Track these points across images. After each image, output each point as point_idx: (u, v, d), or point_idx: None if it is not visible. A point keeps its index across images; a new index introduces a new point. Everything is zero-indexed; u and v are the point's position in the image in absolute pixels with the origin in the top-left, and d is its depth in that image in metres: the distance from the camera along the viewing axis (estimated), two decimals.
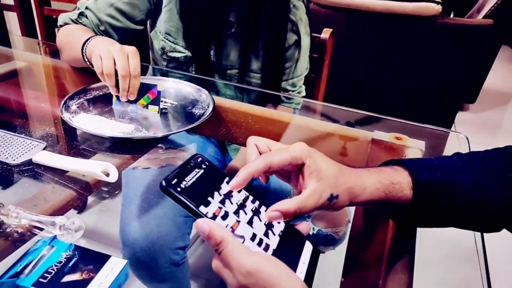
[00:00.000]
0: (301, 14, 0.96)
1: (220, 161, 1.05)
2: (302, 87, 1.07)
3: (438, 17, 1.40)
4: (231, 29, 0.94)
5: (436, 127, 0.79)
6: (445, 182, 0.46)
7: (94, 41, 0.81)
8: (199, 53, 0.96)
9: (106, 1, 0.92)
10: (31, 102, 0.85)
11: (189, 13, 0.92)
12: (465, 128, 2.59)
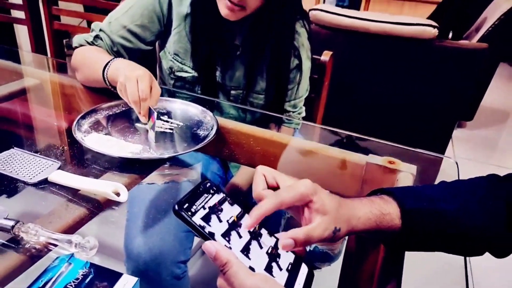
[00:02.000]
0: (303, 40, 1.01)
1: (222, 177, 1.09)
2: (303, 108, 1.12)
3: (435, 40, 1.45)
4: (237, 52, 0.99)
5: (428, 152, 0.83)
6: (431, 211, 0.51)
7: (114, 66, 0.85)
8: (205, 74, 1.01)
9: (120, 24, 0.97)
10: (45, 120, 0.89)
11: (197, 36, 0.97)
12: (462, 145, 2.63)
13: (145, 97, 0.76)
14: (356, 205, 0.49)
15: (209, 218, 0.43)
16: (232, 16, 0.87)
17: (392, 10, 4.16)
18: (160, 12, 0.97)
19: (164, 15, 0.98)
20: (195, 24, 0.96)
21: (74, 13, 1.70)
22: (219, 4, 0.88)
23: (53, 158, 0.68)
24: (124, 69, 0.81)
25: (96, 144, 0.71)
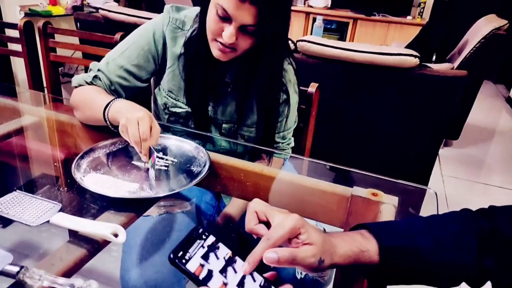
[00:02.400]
0: (290, 76, 1.06)
1: (214, 207, 1.13)
2: (291, 139, 1.17)
3: (416, 68, 1.53)
4: (228, 88, 1.04)
5: (409, 183, 0.88)
6: (407, 248, 0.55)
7: (115, 107, 0.89)
8: (198, 110, 1.06)
9: (117, 64, 1.02)
10: (45, 159, 0.93)
11: (190, 74, 1.02)
12: (449, 163, 2.70)
13: (146, 138, 0.80)
14: (338, 242, 0.53)
15: (202, 264, 0.47)
16: (223, 57, 0.93)
17: (378, 31, 4.29)
18: (155, 53, 1.03)
19: (159, 55, 1.04)
20: (188, 63, 1.02)
21: (70, 45, 1.75)
22: (212, 46, 0.93)
23: (54, 199, 0.72)
24: (125, 110, 0.85)
25: (95, 185, 0.75)
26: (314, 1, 4.61)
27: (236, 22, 0.85)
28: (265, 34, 0.89)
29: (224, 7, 0.84)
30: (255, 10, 0.83)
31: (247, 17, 0.84)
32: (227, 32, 0.87)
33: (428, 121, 1.59)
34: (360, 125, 1.67)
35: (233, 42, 0.88)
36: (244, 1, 0.82)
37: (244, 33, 0.88)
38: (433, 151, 1.67)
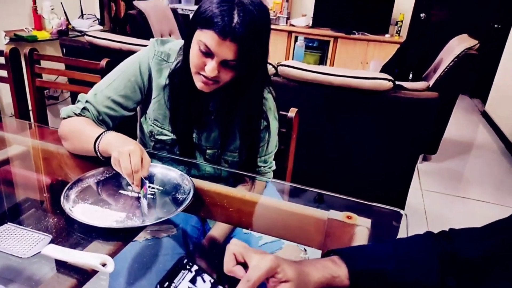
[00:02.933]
0: (270, 103, 1.12)
1: (200, 230, 1.16)
2: (273, 162, 1.22)
3: (390, 91, 1.61)
4: (211, 116, 1.10)
5: (382, 205, 0.94)
6: (374, 271, 0.60)
7: (106, 140, 0.94)
8: (183, 137, 1.10)
9: (104, 95, 1.06)
10: (35, 190, 0.96)
11: (175, 104, 1.07)
12: (428, 178, 2.79)
13: (138, 170, 0.85)
14: (310, 270, 0.58)
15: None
16: (206, 89, 0.98)
17: (358, 49, 4.43)
18: (142, 84, 1.08)
19: (145, 86, 1.09)
20: (173, 94, 1.07)
21: (56, 71, 1.79)
22: (195, 78, 0.99)
23: (44, 230, 0.75)
24: (115, 143, 0.90)
25: (83, 215, 0.79)
26: (296, 21, 4.74)
27: (218, 57, 0.91)
28: (246, 67, 0.95)
29: (206, 44, 0.90)
30: (235, 46, 0.89)
31: (228, 53, 0.90)
32: (209, 66, 0.92)
33: (404, 140, 1.66)
34: (339, 145, 1.74)
35: (215, 75, 0.93)
36: (225, 39, 0.88)
37: (226, 67, 0.94)
38: (410, 168, 1.74)
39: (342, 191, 1.90)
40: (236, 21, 0.87)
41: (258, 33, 0.91)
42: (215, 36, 0.88)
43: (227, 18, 0.87)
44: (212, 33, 0.88)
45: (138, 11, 3.24)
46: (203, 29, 0.90)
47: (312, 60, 4.67)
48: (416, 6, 4.58)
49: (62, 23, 2.42)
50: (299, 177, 1.52)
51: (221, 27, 0.87)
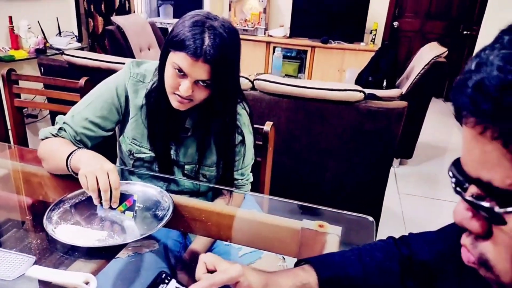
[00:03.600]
0: (244, 119, 1.17)
1: (181, 243, 1.20)
2: (250, 174, 1.27)
3: (362, 101, 1.68)
4: (188, 133, 1.14)
5: (352, 213, 0.99)
6: (342, 277, 0.66)
7: (77, 156, 0.97)
8: (161, 154, 1.14)
9: (82, 117, 1.09)
10: (17, 212, 0.98)
11: (152, 123, 1.11)
12: (405, 181, 2.88)
13: (106, 189, 0.88)
14: (282, 279, 0.63)
15: None
16: (182, 107, 1.03)
17: (335, 58, 4.54)
18: (119, 105, 1.11)
19: (122, 107, 1.12)
20: (150, 113, 1.11)
21: (34, 91, 1.80)
22: (170, 98, 1.03)
23: (28, 252, 0.78)
24: (85, 161, 0.94)
25: (66, 235, 0.82)
26: (273, 31, 4.83)
27: (191, 77, 0.96)
28: (218, 86, 1.00)
29: (179, 65, 0.95)
30: (208, 67, 0.94)
31: (201, 73, 0.95)
32: (183, 86, 0.97)
33: (376, 147, 1.74)
34: (315, 155, 1.81)
35: (190, 94, 0.98)
36: (197, 60, 0.93)
37: (199, 86, 0.99)
38: (384, 174, 1.81)
39: (319, 200, 1.96)
40: (207, 44, 0.92)
41: (228, 54, 0.96)
42: (187, 57, 0.93)
43: (199, 41, 0.92)
44: (185, 55, 0.93)
45: (116, 26, 3.27)
46: (176, 51, 0.95)
47: (291, 69, 4.76)
48: (389, 15, 4.73)
49: (40, 41, 2.43)
50: (277, 188, 1.57)
51: (193, 50, 0.92)
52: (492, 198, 0.35)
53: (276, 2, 4.99)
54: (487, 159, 0.34)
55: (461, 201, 0.39)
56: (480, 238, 0.39)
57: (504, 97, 0.31)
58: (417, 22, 4.76)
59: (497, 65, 0.32)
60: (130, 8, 3.73)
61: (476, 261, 0.40)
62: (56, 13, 2.89)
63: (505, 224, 0.35)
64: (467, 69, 0.35)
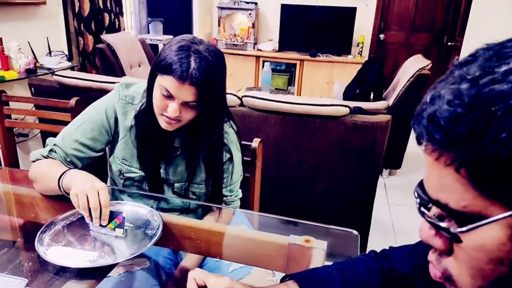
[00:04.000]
0: (231, 137, 1.20)
1: (172, 260, 1.21)
2: (239, 190, 1.29)
3: (347, 116, 1.73)
4: (177, 152, 1.17)
5: (337, 227, 1.02)
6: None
7: (69, 176, 1.00)
8: (151, 173, 1.17)
9: (72, 138, 1.12)
10: (9, 234, 1.00)
11: (141, 143, 1.14)
12: (395, 192, 2.92)
13: (96, 207, 0.91)
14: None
15: None
16: (170, 128, 1.06)
17: (324, 70, 4.62)
18: (108, 127, 1.14)
19: (112, 128, 1.15)
20: (139, 133, 1.14)
21: (25, 111, 1.82)
22: (159, 119, 1.06)
23: (19, 274, 0.79)
24: (76, 181, 0.96)
25: (57, 257, 0.83)
26: (263, 45, 4.91)
27: (178, 99, 0.99)
28: (205, 107, 1.04)
29: (167, 88, 0.99)
30: (194, 89, 0.98)
31: (187, 95, 0.99)
32: (171, 108, 1.00)
33: (363, 160, 1.78)
34: (303, 169, 1.84)
35: (178, 115, 1.01)
36: (184, 83, 0.97)
37: (187, 107, 1.02)
38: (372, 186, 1.85)
39: (309, 213, 1.99)
40: (193, 67, 0.96)
41: (213, 76, 1.00)
42: (174, 81, 0.97)
43: (185, 65, 0.96)
44: (172, 78, 0.97)
45: (106, 44, 3.31)
46: (163, 75, 0.99)
47: (280, 83, 4.82)
48: (375, 28, 4.84)
49: (30, 61, 2.45)
50: (266, 202, 1.60)
51: (180, 73, 0.96)
52: (451, 218, 0.39)
53: (265, 17, 5.08)
54: (444, 182, 0.38)
55: (425, 221, 0.42)
56: (444, 254, 0.42)
57: (453, 128, 0.35)
58: (402, 35, 4.87)
59: (447, 99, 0.36)
60: (120, 26, 3.78)
61: (441, 276, 0.43)
62: (46, 33, 2.92)
63: (461, 242, 0.38)
64: (424, 101, 0.39)
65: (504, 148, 0.32)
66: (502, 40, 0.37)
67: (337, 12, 4.63)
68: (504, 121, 0.32)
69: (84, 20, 3.31)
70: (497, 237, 0.35)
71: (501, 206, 0.34)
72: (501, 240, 0.35)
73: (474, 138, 0.33)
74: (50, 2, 2.90)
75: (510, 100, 0.32)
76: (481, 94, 0.34)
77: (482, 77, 0.34)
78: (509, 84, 0.33)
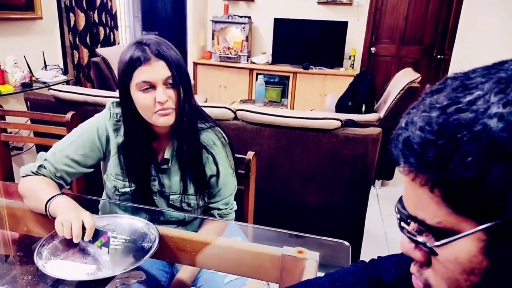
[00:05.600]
0: (219, 149, 1.20)
1: (168, 272, 1.23)
2: (233, 203, 1.31)
3: (339, 129, 1.77)
4: (168, 164, 1.18)
5: (329, 238, 1.05)
6: None
7: (56, 203, 1.01)
8: (145, 187, 1.19)
9: (63, 154, 1.14)
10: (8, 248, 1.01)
11: (130, 160, 1.16)
12: (387, 202, 2.96)
13: (78, 235, 0.93)
14: None
15: None
16: (169, 120, 1.08)
17: (316, 83, 4.69)
18: (100, 144, 1.17)
19: (103, 146, 1.18)
20: (128, 149, 1.16)
21: (21, 125, 1.84)
22: (155, 119, 1.07)
23: (19, 286, 0.81)
24: (61, 209, 0.98)
25: (56, 270, 0.85)
26: (256, 58, 4.98)
27: (158, 81, 1.04)
28: (182, 78, 1.07)
29: (144, 80, 1.04)
30: (163, 62, 1.04)
31: (162, 71, 1.04)
32: (158, 94, 1.04)
33: (355, 172, 1.81)
34: (296, 181, 1.87)
35: (167, 99, 1.05)
36: (151, 62, 1.02)
37: (169, 87, 1.06)
38: (364, 197, 1.89)
39: (303, 224, 2.01)
40: (149, 47, 1.04)
41: (169, 48, 1.07)
42: (143, 67, 1.03)
43: (141, 50, 1.03)
44: (140, 68, 1.03)
45: (101, 58, 3.34)
46: (133, 74, 1.04)
47: (274, 95, 4.88)
48: (366, 41, 4.93)
49: (26, 75, 2.47)
50: (260, 214, 1.62)
51: (143, 58, 1.02)
52: (428, 233, 0.42)
53: (258, 30, 5.16)
54: (420, 201, 0.41)
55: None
56: (424, 266, 0.45)
57: (425, 153, 0.38)
58: (393, 47, 4.97)
59: (419, 125, 0.39)
60: (115, 39, 3.82)
61: (423, 287, 0.45)
62: (41, 47, 2.95)
63: (437, 255, 0.41)
64: (399, 126, 0.42)
65: (470, 171, 0.35)
66: (467, 70, 0.41)
67: (329, 26, 4.72)
68: (469, 146, 0.35)
69: (79, 34, 3.35)
70: (469, 250, 0.38)
71: (472, 221, 0.37)
72: (472, 253, 0.38)
73: (442, 163, 0.37)
74: (46, 17, 2.93)
75: (474, 128, 0.36)
76: (448, 122, 0.37)
77: (449, 107, 0.38)
78: (473, 113, 0.36)
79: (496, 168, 0.34)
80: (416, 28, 4.84)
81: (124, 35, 4.51)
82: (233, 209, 1.31)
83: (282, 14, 4.88)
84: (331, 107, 3.55)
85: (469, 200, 0.36)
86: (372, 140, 1.73)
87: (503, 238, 0.37)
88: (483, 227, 0.37)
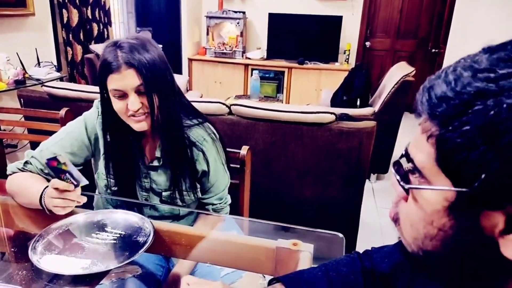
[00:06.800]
0: (210, 145, 1.19)
1: (164, 267, 1.24)
2: (228, 196, 1.31)
3: (333, 122, 1.77)
4: (160, 162, 1.18)
5: (323, 231, 1.06)
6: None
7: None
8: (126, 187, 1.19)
9: (51, 151, 1.13)
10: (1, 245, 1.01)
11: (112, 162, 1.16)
12: (382, 196, 2.97)
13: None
14: None
15: None
16: (144, 125, 1.07)
17: (312, 77, 4.69)
18: (88, 143, 1.17)
19: (92, 145, 1.17)
20: (112, 149, 1.15)
21: (14, 122, 1.83)
22: (130, 123, 1.08)
23: (14, 283, 0.81)
24: None
25: (51, 265, 0.85)
26: (251, 54, 4.97)
27: (129, 89, 1.02)
28: (156, 85, 1.04)
29: (115, 89, 1.03)
30: (133, 70, 1.01)
31: (132, 80, 1.02)
32: (130, 102, 1.03)
33: (350, 165, 1.82)
34: (292, 175, 1.88)
35: (140, 106, 1.04)
36: (121, 71, 1.01)
37: (142, 94, 1.04)
38: (359, 190, 1.90)
39: (298, 217, 2.02)
40: (120, 54, 1.01)
41: (142, 53, 1.02)
42: (114, 76, 1.02)
43: (114, 56, 1.01)
44: (111, 76, 1.02)
45: (95, 54, 3.32)
46: (106, 79, 1.03)
47: (270, 90, 4.88)
48: (361, 36, 4.93)
49: (19, 73, 2.46)
50: (256, 208, 1.63)
51: (114, 66, 1.01)
52: (415, 173, 0.45)
53: (253, 25, 5.14)
54: (418, 142, 0.44)
55: None
56: (401, 201, 0.48)
57: (438, 106, 0.40)
58: (388, 42, 4.98)
59: (448, 79, 0.40)
60: (109, 35, 3.80)
61: (393, 217, 0.50)
62: (35, 44, 2.93)
63: (408, 195, 0.46)
64: (438, 73, 0.43)
65: (461, 138, 0.37)
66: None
67: (324, 20, 4.72)
68: (473, 117, 0.37)
69: (73, 31, 3.33)
70: (435, 203, 0.42)
71: (448, 181, 0.40)
72: (437, 207, 0.42)
73: (445, 121, 0.39)
74: (38, 13, 2.91)
75: (487, 101, 0.36)
76: (471, 87, 0.38)
77: (482, 72, 0.38)
78: (498, 88, 0.36)
79: (484, 147, 0.36)
80: (411, 21, 4.85)
81: (118, 31, 4.49)
82: (227, 203, 1.31)
83: (277, 9, 4.87)
84: (326, 102, 3.55)
85: (451, 161, 0.39)
86: (366, 134, 1.73)
87: (466, 206, 0.39)
88: (453, 189, 0.40)
